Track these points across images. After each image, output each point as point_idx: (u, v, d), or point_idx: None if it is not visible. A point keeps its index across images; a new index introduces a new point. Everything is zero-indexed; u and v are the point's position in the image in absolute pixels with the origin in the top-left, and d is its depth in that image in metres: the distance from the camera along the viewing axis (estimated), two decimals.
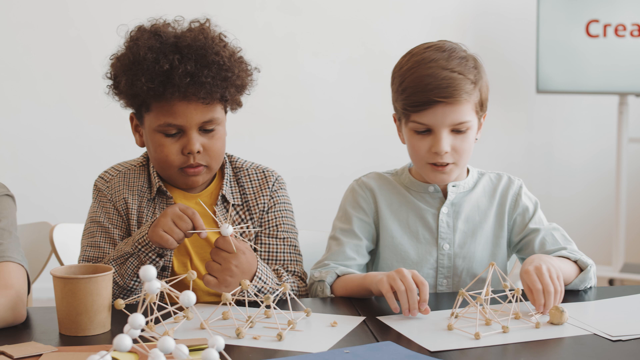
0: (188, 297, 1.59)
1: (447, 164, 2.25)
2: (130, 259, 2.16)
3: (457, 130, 2.24)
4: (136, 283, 2.20)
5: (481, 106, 2.29)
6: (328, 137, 5.15)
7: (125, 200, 2.33)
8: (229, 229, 2.03)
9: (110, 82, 2.30)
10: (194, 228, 2.08)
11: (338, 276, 2.27)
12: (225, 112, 2.32)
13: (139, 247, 2.14)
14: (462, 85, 2.20)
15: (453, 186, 2.35)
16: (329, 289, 2.24)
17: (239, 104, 2.35)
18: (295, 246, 2.39)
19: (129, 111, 2.35)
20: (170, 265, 2.29)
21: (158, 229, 2.08)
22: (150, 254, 2.14)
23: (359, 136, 5.17)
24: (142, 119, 2.29)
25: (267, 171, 2.42)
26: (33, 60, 4.91)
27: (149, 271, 1.55)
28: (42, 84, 4.93)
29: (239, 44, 2.32)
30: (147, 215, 2.33)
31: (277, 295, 1.96)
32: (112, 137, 4.62)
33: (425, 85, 2.19)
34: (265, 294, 2.09)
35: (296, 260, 2.37)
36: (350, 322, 1.96)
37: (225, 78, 2.21)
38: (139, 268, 2.16)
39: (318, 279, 2.28)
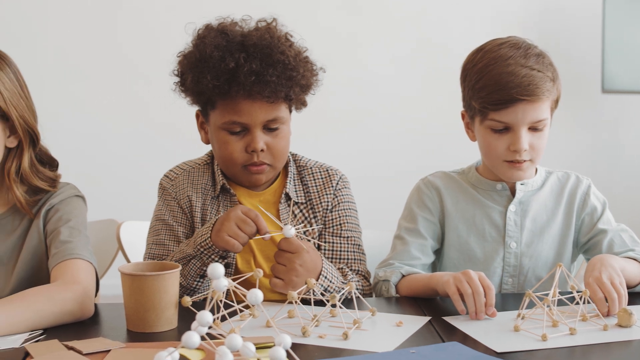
0: (255, 295, 1.59)
1: (524, 161, 2.23)
2: (192, 261, 2.18)
3: (534, 128, 2.22)
4: (199, 283, 2.21)
5: (556, 103, 2.27)
6: (390, 136, 5.14)
7: (189, 198, 2.34)
8: (291, 230, 2.04)
9: (177, 79, 2.32)
10: (258, 230, 2.09)
11: (403, 276, 2.26)
12: (290, 111, 2.33)
13: (202, 249, 2.15)
14: (543, 83, 2.18)
15: (521, 184, 2.33)
16: (394, 288, 2.24)
17: (303, 104, 2.35)
18: (359, 245, 2.39)
19: (195, 109, 2.37)
20: (234, 263, 2.30)
21: (222, 234, 2.09)
22: (213, 257, 2.16)
23: (420, 134, 5.15)
24: (207, 116, 2.31)
25: (331, 170, 2.42)
26: (100, 59, 4.96)
27: (216, 269, 1.56)
28: (108, 82, 4.98)
29: (305, 44, 2.32)
30: (211, 213, 2.34)
31: (343, 294, 1.96)
32: (179, 134, 4.64)
33: (505, 83, 2.17)
34: (331, 293, 2.09)
35: (360, 259, 2.37)
36: (416, 322, 1.95)
37: (290, 77, 2.21)
38: (202, 269, 2.18)
39: (383, 279, 2.28)
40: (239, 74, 2.17)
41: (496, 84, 2.18)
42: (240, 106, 2.21)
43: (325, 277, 2.11)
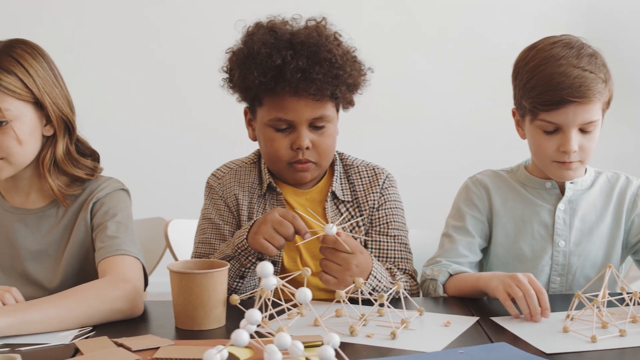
0: (304, 294, 1.59)
1: (573, 162, 2.22)
2: (231, 261, 2.18)
3: (584, 129, 2.20)
4: (239, 284, 2.21)
5: (607, 104, 2.24)
6: (435, 134, 5.11)
7: (236, 196, 2.35)
8: (333, 229, 2.04)
9: (225, 75, 2.33)
10: (297, 232, 2.09)
11: (450, 275, 2.25)
12: (337, 110, 2.33)
13: (239, 251, 2.16)
14: (595, 84, 2.16)
15: (571, 183, 2.31)
16: (442, 288, 2.23)
17: (350, 103, 2.35)
18: (405, 244, 2.38)
19: (243, 106, 2.38)
20: (281, 261, 2.30)
21: (258, 237, 2.09)
22: (250, 258, 2.16)
23: (466, 131, 5.12)
24: (254, 112, 2.32)
25: (378, 169, 2.42)
26: (145, 59, 4.99)
27: (266, 267, 1.56)
28: (153, 81, 5.01)
29: (354, 43, 2.32)
30: (257, 211, 2.35)
31: (391, 294, 1.96)
32: (225, 133, 4.66)
33: (557, 84, 2.15)
34: (379, 292, 2.08)
35: (407, 258, 2.36)
36: (464, 322, 1.94)
37: (336, 76, 2.21)
38: (241, 270, 2.19)
39: (430, 277, 2.27)
40: (285, 70, 2.18)
41: (547, 84, 2.16)
42: (286, 103, 2.22)
43: (375, 277, 2.11)
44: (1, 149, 2.12)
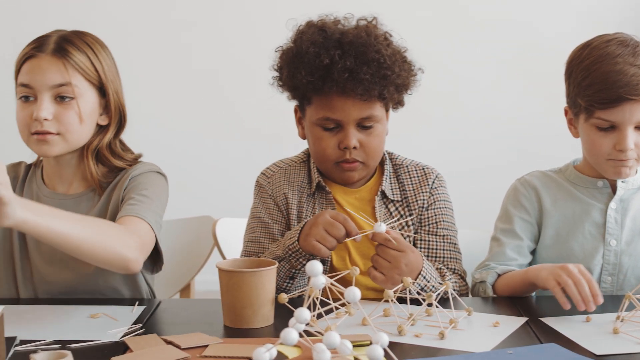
0: (353, 293, 1.59)
1: (629, 159, 2.20)
2: (282, 262, 2.19)
3: (639, 127, 2.18)
4: (289, 285, 2.22)
5: None
6: (484, 134, 5.08)
7: (285, 195, 2.36)
8: (381, 227, 2.03)
9: (275, 73, 2.34)
10: (347, 233, 2.09)
11: (499, 275, 2.24)
12: (387, 110, 2.32)
13: (290, 252, 2.16)
14: None
15: (622, 182, 2.29)
16: (491, 288, 2.22)
17: (400, 103, 2.34)
18: (454, 244, 2.37)
19: (292, 105, 2.39)
20: (330, 260, 2.30)
21: (310, 239, 2.09)
22: (300, 260, 2.16)
23: (514, 132, 5.08)
24: (304, 111, 2.32)
25: (427, 168, 2.41)
26: (194, 56, 5.01)
27: (315, 266, 1.57)
28: (203, 79, 5.02)
29: (405, 43, 2.31)
30: (306, 210, 2.35)
31: (439, 294, 1.95)
32: (275, 133, 4.67)
33: (613, 82, 2.13)
34: (428, 292, 2.08)
35: (456, 258, 2.35)
36: (513, 323, 1.93)
37: (384, 76, 2.20)
38: (291, 272, 2.19)
39: (479, 280, 2.26)
40: (333, 70, 2.18)
41: (603, 82, 2.15)
42: (333, 103, 2.22)
43: (424, 277, 2.10)
44: (62, 123, 2.16)
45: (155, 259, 2.21)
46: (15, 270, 2.29)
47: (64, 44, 2.19)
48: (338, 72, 2.17)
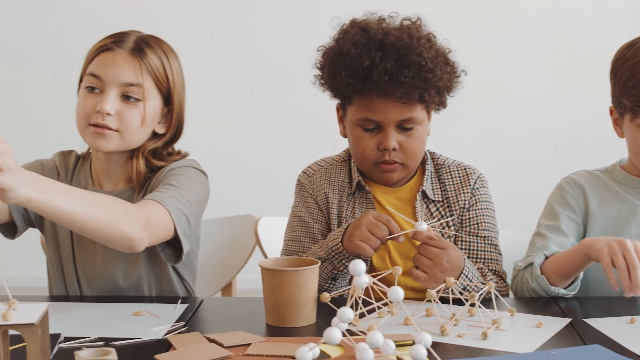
0: (397, 292, 1.59)
1: None
2: (324, 263, 2.19)
3: None
4: (331, 285, 2.22)
5: None
6: (524, 135, 5.05)
7: (326, 195, 2.36)
8: (423, 225, 2.03)
9: (318, 72, 2.35)
10: (390, 233, 2.09)
11: (546, 257, 2.21)
12: (428, 112, 2.31)
13: (333, 254, 2.16)
14: None
15: None
16: (539, 269, 2.17)
17: (442, 105, 2.33)
18: (495, 245, 2.36)
19: (333, 105, 2.39)
20: (369, 260, 2.30)
21: (354, 239, 2.09)
22: (343, 261, 2.17)
23: (555, 133, 5.04)
24: (345, 110, 2.32)
25: (469, 169, 2.40)
26: (231, 56, 5.01)
27: (358, 266, 1.56)
28: (240, 79, 5.04)
29: (449, 44, 2.30)
30: (347, 210, 2.35)
31: (482, 294, 1.94)
32: (316, 132, 4.67)
33: None
34: (470, 292, 2.07)
35: (496, 260, 2.34)
36: (556, 324, 1.92)
37: (425, 79, 2.19)
38: (333, 272, 2.20)
39: (524, 266, 2.23)
40: (373, 72, 2.17)
41: None
42: (374, 104, 2.21)
43: (466, 276, 2.10)
44: (123, 121, 2.18)
45: (177, 249, 2.17)
46: (62, 268, 2.31)
47: (142, 45, 2.21)
48: (378, 74, 2.16)
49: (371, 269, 2.28)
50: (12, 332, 1.51)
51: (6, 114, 5.08)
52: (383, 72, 2.16)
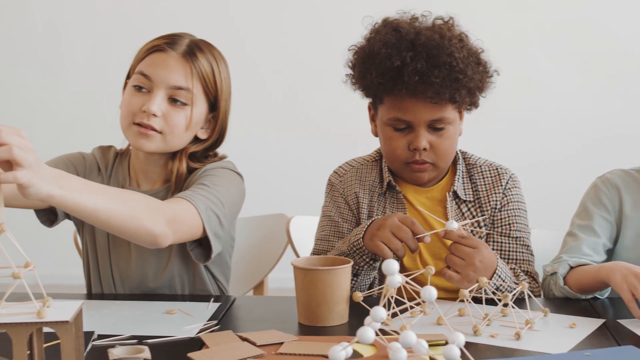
0: (430, 292, 1.59)
1: None
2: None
3: None
4: (352, 281, 2.21)
5: None
6: (560, 137, 5.02)
7: (356, 195, 2.36)
8: (453, 224, 2.02)
9: (349, 71, 2.34)
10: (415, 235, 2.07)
11: (571, 267, 2.20)
12: (460, 112, 2.30)
13: (354, 249, 2.16)
14: None
15: None
16: (562, 280, 2.17)
17: (474, 105, 2.32)
18: (527, 246, 2.35)
19: (363, 105, 2.39)
20: (400, 260, 2.30)
21: (376, 239, 2.08)
22: (364, 257, 2.16)
23: (591, 135, 5.01)
24: (376, 109, 2.32)
25: (501, 169, 2.39)
26: (262, 56, 5.03)
27: (391, 265, 1.56)
28: (271, 78, 5.05)
29: (482, 44, 2.29)
30: (377, 209, 2.35)
31: (515, 294, 1.93)
32: (345, 131, 4.68)
33: None
34: (503, 292, 2.06)
35: (528, 260, 2.33)
36: (590, 324, 1.91)
37: (456, 80, 2.18)
38: (354, 268, 2.19)
39: (550, 272, 2.23)
40: (403, 72, 2.16)
41: None
42: (404, 104, 2.21)
43: (499, 276, 2.09)
44: (168, 123, 2.18)
45: (208, 249, 2.15)
46: (99, 265, 2.32)
47: (195, 50, 2.21)
48: (408, 74, 2.15)
49: (402, 269, 2.27)
50: (46, 329, 1.52)
51: (38, 113, 5.12)
52: (413, 72, 2.15)
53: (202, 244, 2.15)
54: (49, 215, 2.27)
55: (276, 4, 5.05)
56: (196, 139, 2.28)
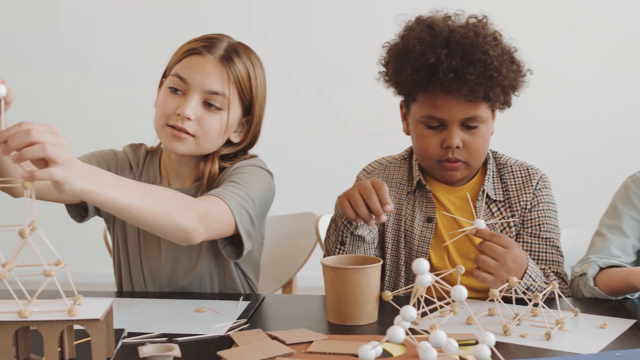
0: (460, 291, 1.58)
1: None
2: (332, 224, 2.22)
3: None
4: (340, 250, 2.21)
5: None
6: (586, 135, 5.00)
7: None
8: (481, 222, 2.02)
9: (382, 68, 2.34)
10: (381, 202, 2.04)
11: (601, 268, 2.19)
12: (493, 111, 2.30)
13: (336, 212, 2.18)
14: None
15: None
16: (592, 281, 2.16)
17: (507, 104, 2.31)
18: (557, 247, 2.34)
19: (394, 104, 2.38)
20: (428, 258, 2.30)
21: (344, 199, 2.08)
22: (342, 221, 2.17)
23: (618, 133, 4.98)
24: (408, 107, 2.32)
25: (532, 169, 2.38)
26: (290, 56, 5.03)
27: (421, 264, 1.56)
28: (300, 78, 5.05)
29: (515, 43, 2.28)
30: (406, 208, 2.35)
31: (545, 294, 1.92)
32: (375, 131, 4.68)
33: None
34: (533, 292, 2.05)
35: (558, 262, 2.32)
36: (621, 325, 1.89)
37: (490, 77, 2.18)
38: (338, 234, 2.19)
39: (579, 274, 2.21)
40: (438, 69, 2.16)
41: None
42: (438, 102, 2.21)
43: (530, 276, 2.07)
44: (201, 127, 2.17)
45: (239, 246, 2.15)
46: (129, 262, 2.33)
47: (232, 54, 2.20)
48: (443, 71, 2.15)
49: (430, 268, 2.27)
50: (77, 326, 1.52)
51: (71, 110, 5.15)
52: (448, 70, 2.15)
53: (234, 241, 2.15)
54: (80, 210, 2.28)
55: (304, 3, 5.06)
56: (228, 142, 2.28)
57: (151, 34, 5.01)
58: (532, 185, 2.34)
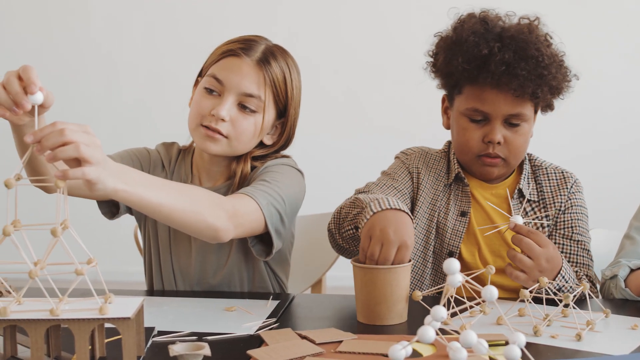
0: (491, 292, 1.57)
1: None
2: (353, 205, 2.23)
3: None
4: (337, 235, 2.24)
5: None
6: (614, 134, 4.96)
7: (418, 171, 2.37)
8: (518, 219, 2.01)
9: (430, 59, 2.36)
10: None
11: (632, 270, 2.17)
12: (535, 111, 2.30)
13: (353, 215, 2.16)
14: None
15: None
16: (623, 282, 2.15)
17: (550, 107, 2.32)
18: (588, 250, 2.34)
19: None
20: (459, 252, 2.32)
21: (367, 242, 1.92)
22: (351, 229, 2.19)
23: None
24: (452, 100, 2.33)
25: (566, 173, 2.39)
26: (320, 56, 5.03)
27: (452, 264, 1.55)
28: (327, 77, 5.05)
29: (564, 48, 2.28)
30: (441, 200, 2.36)
31: (576, 295, 1.91)
32: (404, 129, 4.67)
33: None
34: (565, 292, 2.04)
35: (588, 265, 2.32)
36: None
37: (540, 75, 2.19)
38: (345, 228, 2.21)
39: (610, 276, 2.20)
40: (490, 62, 2.18)
41: None
42: (485, 95, 2.22)
43: (563, 277, 2.07)
44: (235, 129, 2.18)
45: (269, 245, 2.16)
46: (160, 261, 2.34)
47: (269, 57, 2.21)
48: (495, 64, 2.16)
49: (461, 265, 2.26)
50: (107, 325, 1.53)
51: (99, 111, 5.18)
52: (500, 63, 2.16)
53: (264, 239, 2.16)
54: (111, 207, 2.29)
55: (333, 3, 5.06)
56: (261, 144, 2.28)
57: (179, 38, 5.03)
58: (566, 188, 2.35)
